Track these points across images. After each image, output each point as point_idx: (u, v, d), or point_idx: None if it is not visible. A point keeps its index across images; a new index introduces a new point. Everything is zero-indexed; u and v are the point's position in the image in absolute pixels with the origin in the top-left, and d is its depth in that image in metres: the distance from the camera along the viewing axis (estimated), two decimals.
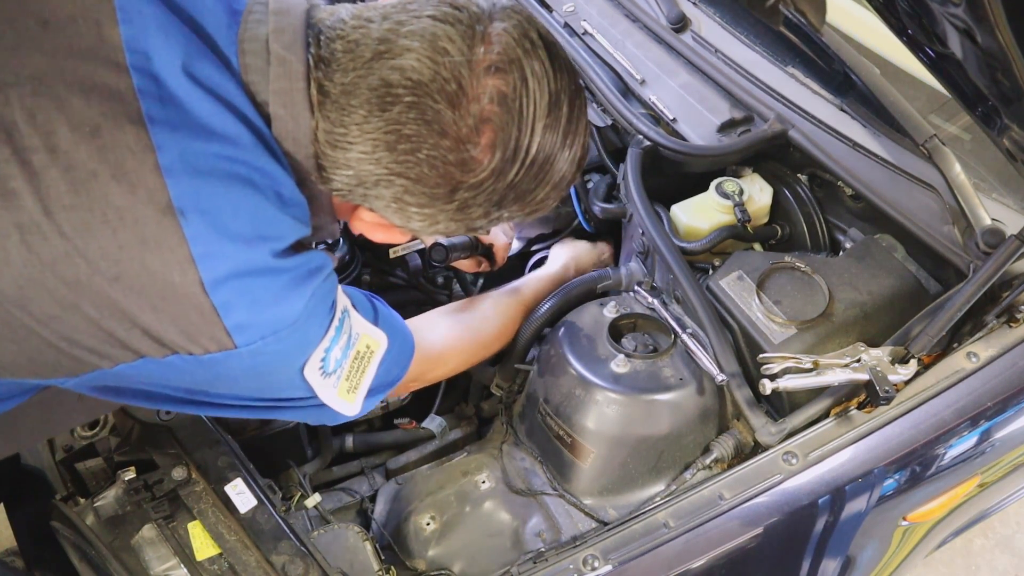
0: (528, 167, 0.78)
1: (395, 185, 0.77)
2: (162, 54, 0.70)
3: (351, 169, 0.77)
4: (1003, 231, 1.16)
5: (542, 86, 0.76)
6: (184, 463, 1.09)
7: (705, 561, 1.01)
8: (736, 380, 1.15)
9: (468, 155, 0.75)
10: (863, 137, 1.37)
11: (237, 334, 0.72)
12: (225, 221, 0.71)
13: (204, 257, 0.69)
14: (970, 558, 2.21)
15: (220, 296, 0.70)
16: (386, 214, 0.82)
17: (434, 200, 0.78)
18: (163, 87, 0.69)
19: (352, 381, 0.88)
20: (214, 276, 0.70)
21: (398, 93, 0.72)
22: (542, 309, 1.31)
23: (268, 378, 0.81)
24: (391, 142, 0.74)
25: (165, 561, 1.01)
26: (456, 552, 1.15)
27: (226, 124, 0.72)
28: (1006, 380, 1.13)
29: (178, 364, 0.73)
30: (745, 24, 1.62)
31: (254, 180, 0.73)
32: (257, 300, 0.73)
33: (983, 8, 0.84)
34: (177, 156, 0.68)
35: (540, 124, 0.77)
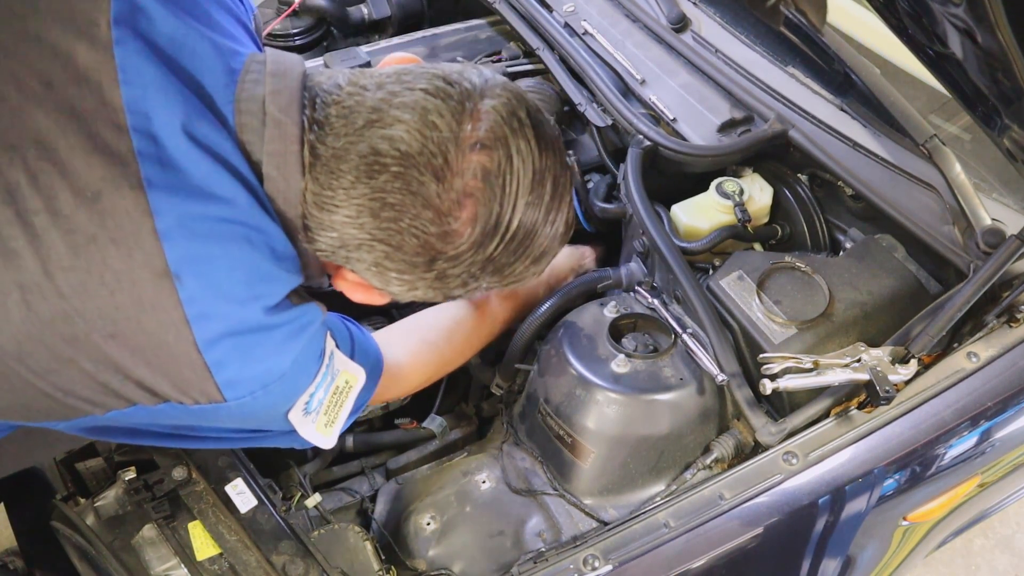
0: (508, 242, 0.80)
1: (376, 250, 0.79)
2: (162, 114, 0.72)
3: (335, 232, 0.79)
4: (1003, 231, 1.16)
5: (526, 164, 0.78)
6: (184, 463, 1.09)
7: (705, 561, 1.01)
8: (736, 380, 1.15)
9: (449, 227, 0.77)
10: (863, 137, 1.37)
11: (227, 389, 0.75)
12: (219, 282, 0.73)
13: (198, 318, 0.72)
14: (970, 558, 2.21)
15: (213, 355, 0.73)
16: (367, 276, 0.84)
17: (413, 268, 0.80)
18: (162, 148, 0.71)
19: (330, 416, 0.90)
20: (207, 336, 0.72)
21: (386, 162, 0.74)
22: (542, 309, 1.31)
23: (252, 420, 0.85)
24: (375, 209, 0.76)
25: (165, 561, 1.01)
26: (456, 552, 1.15)
27: (223, 184, 0.74)
28: (1006, 380, 1.13)
29: (168, 410, 0.76)
30: (745, 24, 1.62)
31: (250, 238, 0.75)
32: (249, 357, 0.76)
33: (983, 8, 0.84)
34: (174, 221, 0.70)
35: (522, 201, 0.79)
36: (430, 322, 1.25)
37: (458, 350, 1.26)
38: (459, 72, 0.79)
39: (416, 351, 1.19)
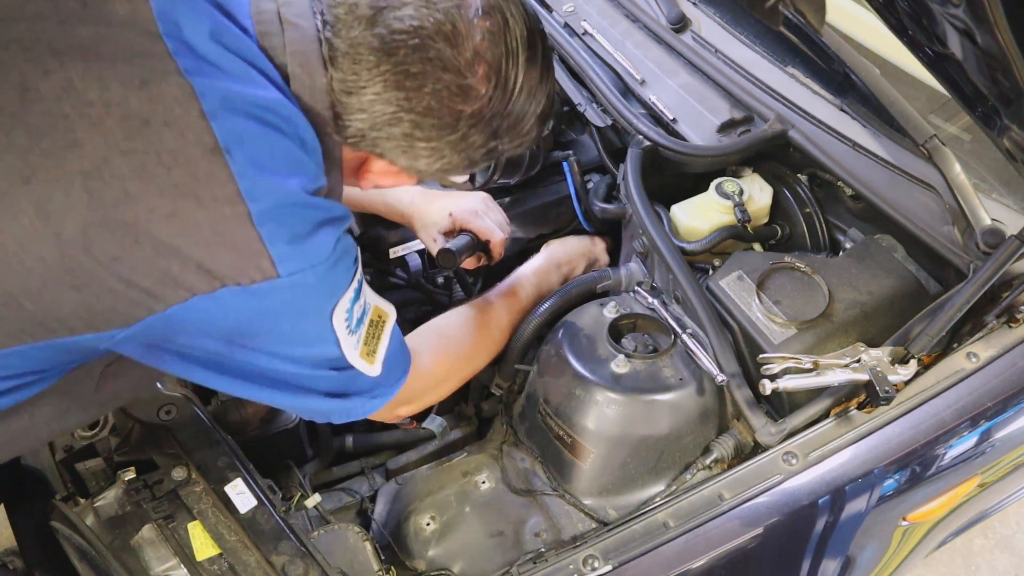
0: (517, 95, 0.90)
1: (404, 122, 0.87)
2: (191, 23, 0.79)
3: (365, 112, 0.86)
4: (1003, 231, 1.16)
5: (520, 25, 0.89)
6: (184, 463, 1.09)
7: (705, 561, 1.01)
8: (736, 380, 1.15)
9: (467, 84, 0.86)
10: (863, 137, 1.37)
11: (281, 264, 0.78)
12: (264, 159, 0.78)
13: (250, 191, 0.76)
14: (970, 558, 2.21)
15: (266, 228, 0.77)
16: (394, 156, 0.92)
17: (440, 132, 0.88)
18: (195, 50, 0.78)
19: (370, 346, 0.94)
20: (260, 208, 0.76)
21: (402, 38, 0.83)
22: (541, 309, 1.31)
23: (303, 319, 0.85)
24: (400, 81, 0.84)
25: (165, 561, 1.01)
26: (456, 552, 1.15)
27: (254, 80, 0.81)
28: (1006, 380, 1.13)
29: (226, 299, 0.77)
30: (745, 24, 1.62)
31: (282, 127, 0.81)
32: (296, 233, 0.80)
33: (983, 8, 0.84)
34: (218, 102, 0.76)
35: (523, 57, 0.89)
36: (449, 320, 1.26)
37: (489, 344, 1.27)
38: None
39: (436, 344, 1.20)
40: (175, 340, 0.82)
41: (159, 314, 0.77)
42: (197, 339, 0.83)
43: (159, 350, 0.84)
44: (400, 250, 1.51)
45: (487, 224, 1.37)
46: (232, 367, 0.87)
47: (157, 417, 1.16)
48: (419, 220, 1.40)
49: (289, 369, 0.89)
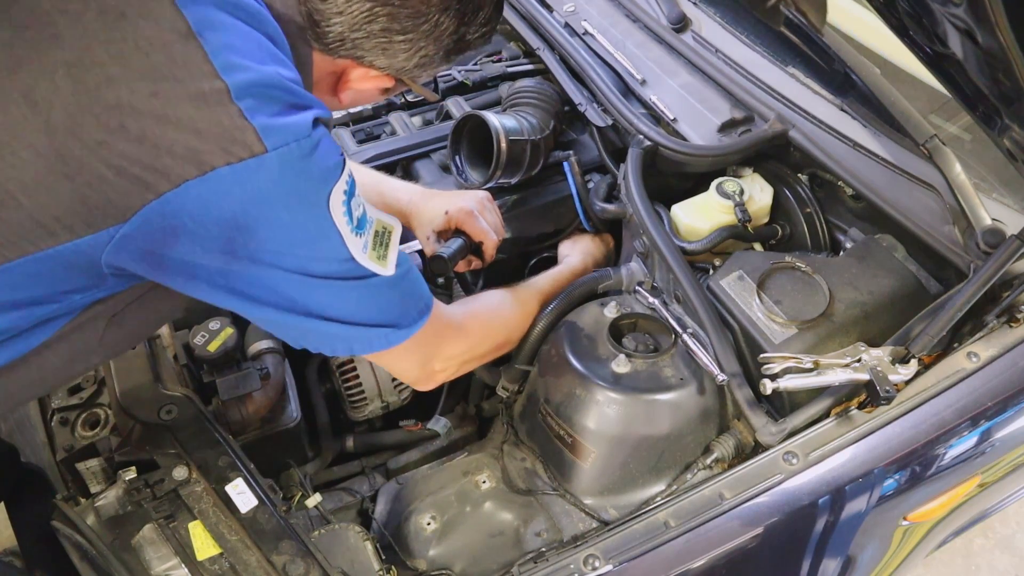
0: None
1: (380, 17, 0.91)
2: None
3: (342, 15, 0.91)
4: (1003, 231, 1.16)
5: None
6: (185, 463, 1.09)
7: (705, 561, 1.01)
8: (737, 380, 1.15)
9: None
10: (863, 137, 1.37)
11: (266, 136, 0.79)
12: (237, 43, 0.82)
13: (226, 69, 0.79)
14: (970, 558, 2.21)
15: (245, 102, 0.79)
16: (374, 57, 0.96)
17: (415, 22, 0.93)
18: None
19: (379, 251, 0.94)
20: (237, 84, 0.79)
21: None
22: (546, 311, 1.31)
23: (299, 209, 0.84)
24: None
25: (166, 561, 1.01)
26: (457, 552, 1.15)
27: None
28: (1006, 380, 1.13)
29: (217, 182, 0.78)
30: (746, 24, 1.62)
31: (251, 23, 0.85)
32: (276, 109, 0.82)
33: (983, 8, 0.84)
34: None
35: None
36: (486, 293, 1.29)
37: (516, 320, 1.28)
38: None
39: (470, 306, 1.22)
40: (175, 244, 0.82)
41: (154, 204, 0.78)
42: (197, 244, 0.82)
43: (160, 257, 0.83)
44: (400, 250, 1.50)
45: (482, 226, 1.37)
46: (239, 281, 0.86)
47: (158, 417, 1.16)
48: (416, 218, 1.41)
49: (296, 279, 0.87)
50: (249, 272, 0.85)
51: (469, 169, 1.50)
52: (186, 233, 0.80)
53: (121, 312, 0.94)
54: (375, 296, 0.94)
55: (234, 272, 0.85)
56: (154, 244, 0.81)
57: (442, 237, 1.38)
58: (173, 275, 0.86)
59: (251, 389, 1.27)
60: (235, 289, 0.87)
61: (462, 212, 1.36)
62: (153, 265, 0.84)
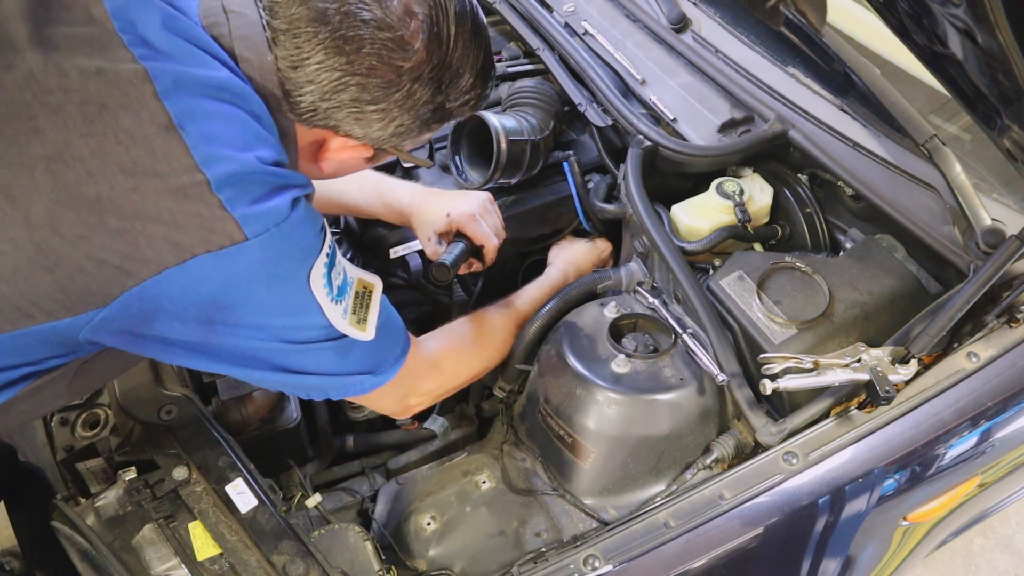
0: (452, 47, 0.94)
1: (350, 86, 0.91)
2: (144, 19, 0.84)
3: (312, 84, 0.90)
4: (1003, 231, 1.16)
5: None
6: (185, 463, 1.09)
7: (705, 561, 1.02)
8: (736, 380, 1.15)
9: (402, 37, 0.90)
10: (863, 137, 1.37)
11: (246, 225, 0.80)
12: (218, 132, 0.82)
13: (206, 161, 0.79)
14: (970, 558, 2.21)
15: (225, 193, 0.79)
16: (349, 127, 0.95)
17: (386, 91, 0.92)
18: (148, 41, 0.82)
19: (359, 314, 0.96)
20: (217, 176, 0.79)
21: (335, 7, 0.88)
22: (543, 311, 1.31)
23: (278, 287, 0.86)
24: (339, 46, 0.88)
25: (166, 561, 1.01)
26: (457, 552, 1.15)
27: (206, 63, 0.85)
28: (1006, 380, 1.13)
29: (197, 268, 0.79)
30: (745, 24, 1.62)
31: (237, 103, 0.85)
32: (255, 196, 0.82)
33: (983, 8, 0.84)
34: (171, 83, 0.80)
35: (452, 10, 0.94)
36: (462, 322, 1.28)
37: (494, 347, 1.28)
38: None
39: (446, 339, 1.21)
40: (154, 324, 0.83)
41: (133, 290, 0.79)
42: (176, 321, 0.83)
43: (140, 337, 0.85)
44: (400, 250, 1.51)
45: (483, 229, 1.37)
46: (217, 349, 0.88)
47: (158, 417, 1.16)
48: (417, 219, 1.40)
49: (275, 346, 0.89)
50: (227, 342, 0.87)
51: (469, 169, 1.50)
52: (165, 313, 0.82)
53: (91, 360, 0.95)
54: (353, 352, 0.96)
55: (211, 343, 0.87)
56: (132, 324, 0.83)
57: (443, 238, 1.38)
58: (151, 348, 0.88)
59: (251, 389, 1.27)
60: (212, 355, 0.89)
61: (464, 215, 1.36)
62: (131, 341, 0.86)
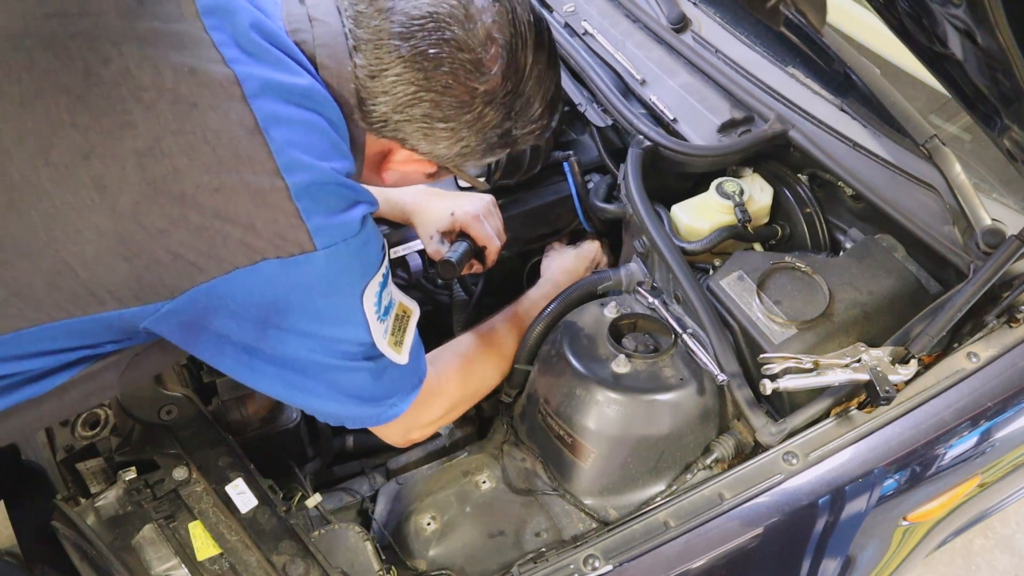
0: (527, 76, 0.96)
1: (424, 102, 0.93)
2: (232, 20, 0.86)
3: (387, 95, 0.93)
4: (1003, 231, 1.16)
5: (526, 12, 0.96)
6: (185, 463, 1.09)
7: (705, 561, 1.02)
8: (736, 380, 1.15)
9: (481, 60, 0.92)
10: (863, 137, 1.37)
11: (317, 236, 0.83)
12: (300, 139, 0.84)
13: (288, 167, 0.82)
14: (970, 558, 2.21)
15: (303, 202, 0.82)
16: (416, 141, 0.97)
17: (458, 111, 0.94)
18: (237, 42, 0.85)
19: (397, 336, 0.99)
20: (297, 183, 0.82)
21: (420, 23, 0.90)
22: (544, 313, 1.31)
23: (335, 298, 0.89)
24: (418, 62, 0.91)
25: (166, 561, 1.01)
26: (457, 552, 1.15)
27: (290, 68, 0.88)
28: (1006, 380, 1.13)
29: (264, 272, 0.82)
30: (745, 24, 1.62)
31: (317, 110, 0.88)
32: (331, 208, 0.85)
33: (983, 8, 0.84)
34: (258, 87, 0.83)
35: (531, 40, 0.96)
36: (460, 342, 1.27)
37: (492, 362, 1.28)
38: None
39: (449, 364, 1.21)
40: (213, 319, 0.86)
41: (202, 286, 0.81)
42: (234, 320, 0.86)
43: (196, 329, 0.87)
44: (400, 250, 1.51)
45: (486, 230, 1.38)
46: (263, 352, 0.90)
47: (158, 417, 1.16)
48: (419, 217, 1.41)
49: (318, 358, 0.91)
50: (275, 349, 0.90)
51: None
52: (226, 311, 0.85)
53: (143, 353, 0.96)
54: (385, 375, 0.98)
55: (261, 347, 0.89)
56: (194, 318, 0.85)
57: (446, 237, 1.39)
58: (204, 344, 0.89)
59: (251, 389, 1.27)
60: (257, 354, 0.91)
61: (468, 215, 1.37)
62: (188, 336, 0.89)
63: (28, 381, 0.88)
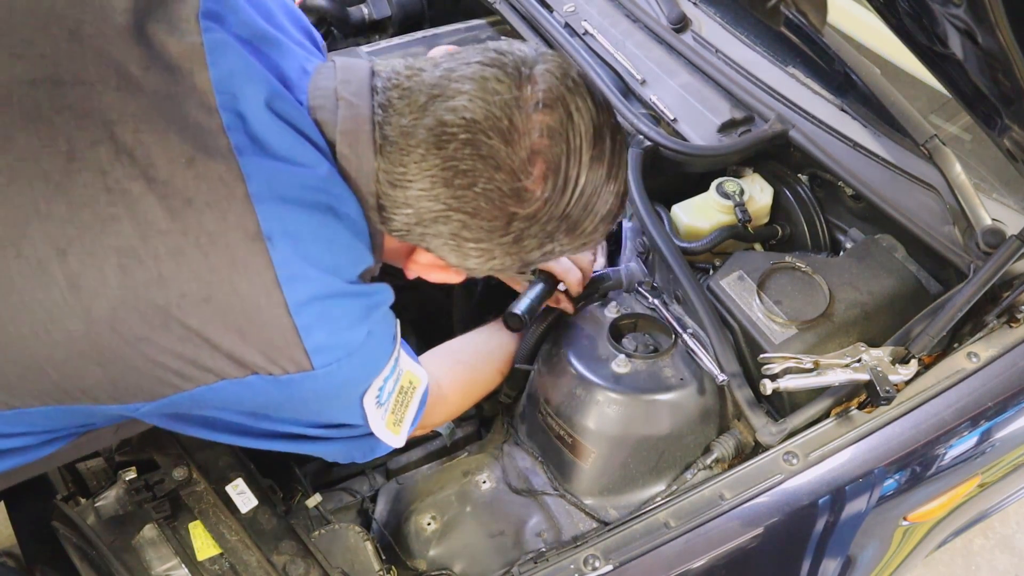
0: (578, 197, 0.82)
1: (452, 221, 0.81)
2: (247, 93, 0.76)
3: (411, 208, 0.81)
4: (1003, 231, 1.16)
5: (586, 120, 0.81)
6: (185, 463, 1.09)
7: (706, 561, 1.02)
8: (737, 380, 1.15)
9: (522, 186, 0.79)
10: (863, 137, 1.37)
11: (316, 356, 0.75)
12: (307, 248, 0.75)
13: (289, 281, 0.73)
14: (970, 558, 2.21)
15: (302, 319, 0.74)
16: (443, 253, 0.86)
17: (491, 234, 0.82)
18: (248, 123, 0.75)
19: (397, 415, 0.92)
20: (297, 299, 0.73)
21: (453, 131, 0.77)
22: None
23: (332, 402, 0.84)
24: (448, 178, 0.78)
25: (166, 561, 1.01)
26: (457, 552, 1.15)
27: (306, 154, 0.78)
28: (1006, 380, 1.13)
29: (255, 384, 0.76)
30: (746, 24, 1.62)
31: (332, 207, 0.78)
32: (335, 323, 0.77)
33: (983, 8, 0.84)
34: (264, 185, 0.73)
35: (587, 156, 0.81)
36: (461, 344, 1.25)
37: (494, 369, 1.26)
38: (507, 43, 0.83)
39: (451, 370, 1.18)
40: (200, 411, 0.82)
41: (184, 393, 0.75)
42: (222, 412, 0.82)
43: (182, 419, 0.84)
44: None
45: (561, 263, 1.23)
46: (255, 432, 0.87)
47: None
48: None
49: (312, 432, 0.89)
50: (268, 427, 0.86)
51: None
52: (213, 408, 0.80)
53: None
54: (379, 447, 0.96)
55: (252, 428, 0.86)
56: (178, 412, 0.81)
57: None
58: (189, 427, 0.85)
59: None
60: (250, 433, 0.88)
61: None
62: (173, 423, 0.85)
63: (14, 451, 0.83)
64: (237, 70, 0.77)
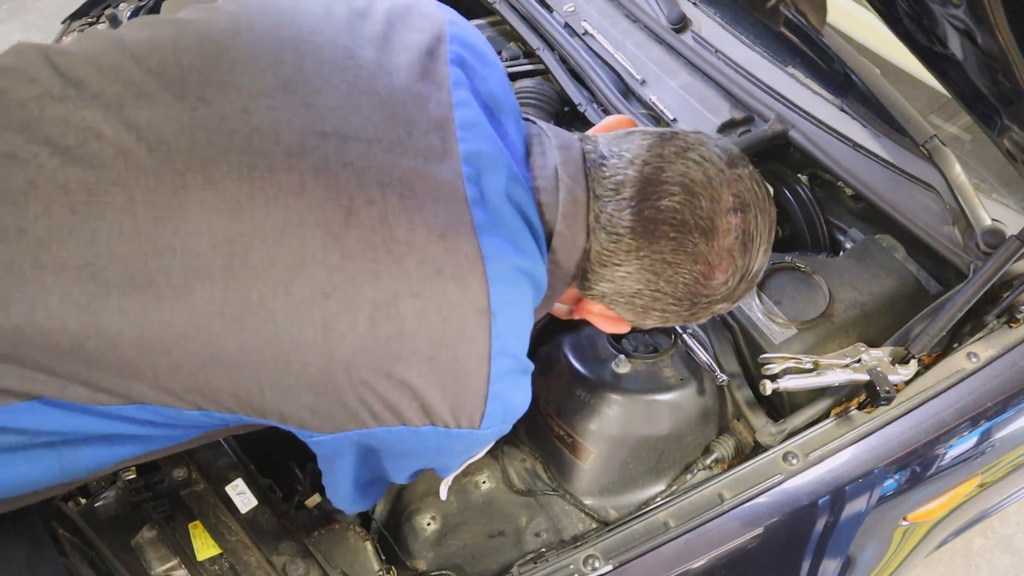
0: (746, 279, 0.94)
1: (646, 296, 0.91)
2: (489, 171, 0.84)
3: (613, 283, 0.92)
4: (1003, 231, 1.16)
5: (766, 221, 0.92)
6: (185, 463, 1.09)
7: (705, 561, 1.02)
8: (736, 380, 1.15)
9: (713, 276, 0.90)
10: (863, 137, 1.37)
11: (487, 420, 0.82)
12: (517, 324, 0.83)
13: (498, 354, 0.80)
14: (970, 558, 2.21)
15: (495, 387, 0.81)
16: (623, 312, 0.96)
17: (676, 307, 0.92)
18: (488, 201, 0.83)
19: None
20: (498, 371, 0.80)
21: (664, 230, 0.87)
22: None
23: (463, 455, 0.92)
24: (656, 267, 0.89)
25: (166, 561, 1.01)
26: (457, 552, 1.15)
27: (526, 241, 0.86)
28: (1006, 380, 1.13)
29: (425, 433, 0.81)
30: (745, 24, 1.62)
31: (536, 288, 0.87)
32: (510, 396, 0.84)
33: (983, 9, 0.84)
34: (498, 266, 0.81)
35: (762, 250, 0.93)
36: None
37: None
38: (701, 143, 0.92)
39: None
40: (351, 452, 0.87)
41: (364, 430, 0.80)
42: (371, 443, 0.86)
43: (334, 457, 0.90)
44: None
45: None
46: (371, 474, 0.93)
47: None
48: None
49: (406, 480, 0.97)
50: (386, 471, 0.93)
51: None
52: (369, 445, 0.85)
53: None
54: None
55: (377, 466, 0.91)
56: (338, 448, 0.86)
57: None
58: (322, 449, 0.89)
59: None
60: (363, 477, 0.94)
61: None
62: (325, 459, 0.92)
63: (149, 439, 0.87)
64: (483, 145, 0.85)
